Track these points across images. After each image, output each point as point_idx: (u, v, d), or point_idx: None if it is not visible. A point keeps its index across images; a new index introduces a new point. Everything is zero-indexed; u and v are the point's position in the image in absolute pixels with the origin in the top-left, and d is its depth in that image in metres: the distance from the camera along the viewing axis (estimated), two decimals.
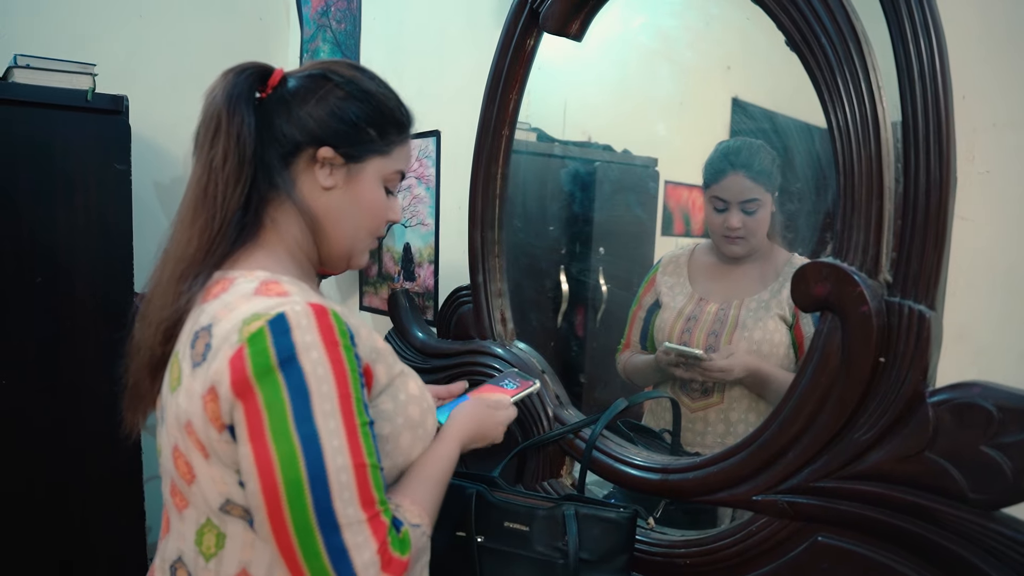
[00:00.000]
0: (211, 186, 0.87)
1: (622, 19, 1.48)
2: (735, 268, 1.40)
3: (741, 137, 1.38)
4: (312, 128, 0.91)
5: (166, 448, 0.88)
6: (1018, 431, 0.82)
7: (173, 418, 0.84)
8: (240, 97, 0.89)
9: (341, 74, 0.94)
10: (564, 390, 1.47)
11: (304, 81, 0.93)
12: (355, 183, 0.95)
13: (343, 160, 0.93)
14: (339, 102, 0.92)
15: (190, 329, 0.84)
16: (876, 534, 0.96)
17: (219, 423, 0.79)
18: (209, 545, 0.85)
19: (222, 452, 0.80)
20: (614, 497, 1.37)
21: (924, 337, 0.90)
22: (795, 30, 1.01)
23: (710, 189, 1.37)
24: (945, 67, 0.89)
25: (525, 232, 1.68)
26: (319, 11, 2.37)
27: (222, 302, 0.83)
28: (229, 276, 0.87)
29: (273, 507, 0.75)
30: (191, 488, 0.85)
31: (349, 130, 0.93)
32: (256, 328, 0.77)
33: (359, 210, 0.96)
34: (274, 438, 0.75)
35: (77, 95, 1.74)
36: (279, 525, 0.75)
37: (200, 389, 0.79)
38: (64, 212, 1.75)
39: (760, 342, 1.30)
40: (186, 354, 0.83)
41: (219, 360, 0.78)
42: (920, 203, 0.91)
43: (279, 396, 0.75)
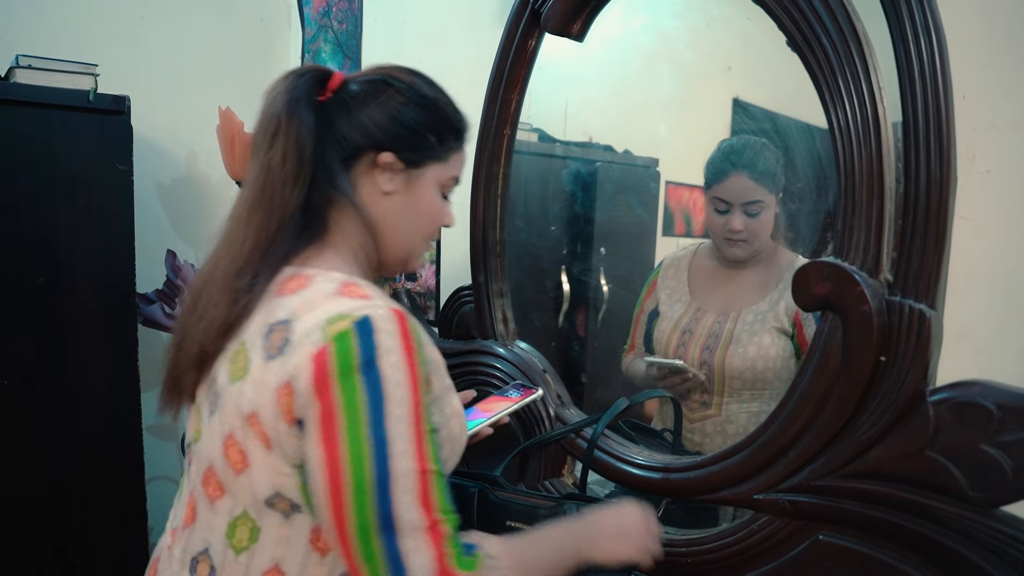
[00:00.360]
0: (268, 186, 0.88)
1: (623, 20, 1.48)
2: (736, 274, 1.39)
3: (745, 135, 1.37)
4: (374, 133, 0.92)
5: (215, 436, 0.87)
6: (1018, 429, 0.82)
7: (233, 407, 0.84)
8: (300, 100, 0.89)
9: (402, 80, 0.95)
10: (566, 390, 1.47)
11: (365, 86, 0.94)
12: (414, 188, 0.96)
13: (403, 165, 0.94)
14: (401, 108, 0.93)
15: (262, 322, 0.84)
16: (877, 532, 0.96)
17: (291, 417, 0.80)
18: (241, 538, 0.85)
19: (288, 445, 0.81)
20: (616, 496, 1.38)
21: (925, 336, 0.91)
22: (796, 30, 1.01)
23: (711, 190, 1.35)
24: (945, 67, 0.89)
25: (527, 232, 1.68)
26: (320, 11, 2.37)
27: (302, 299, 0.83)
28: (305, 273, 0.88)
29: (337, 507, 0.77)
30: (238, 478, 0.84)
31: (410, 136, 0.94)
32: (342, 328, 0.78)
33: (417, 215, 0.97)
34: (348, 439, 0.76)
35: (79, 95, 1.74)
36: (341, 524, 0.77)
37: (275, 382, 0.80)
38: (66, 212, 1.76)
39: (755, 358, 1.29)
40: (257, 345, 0.83)
41: (299, 356, 0.79)
42: (921, 203, 0.91)
43: (356, 398, 0.77)
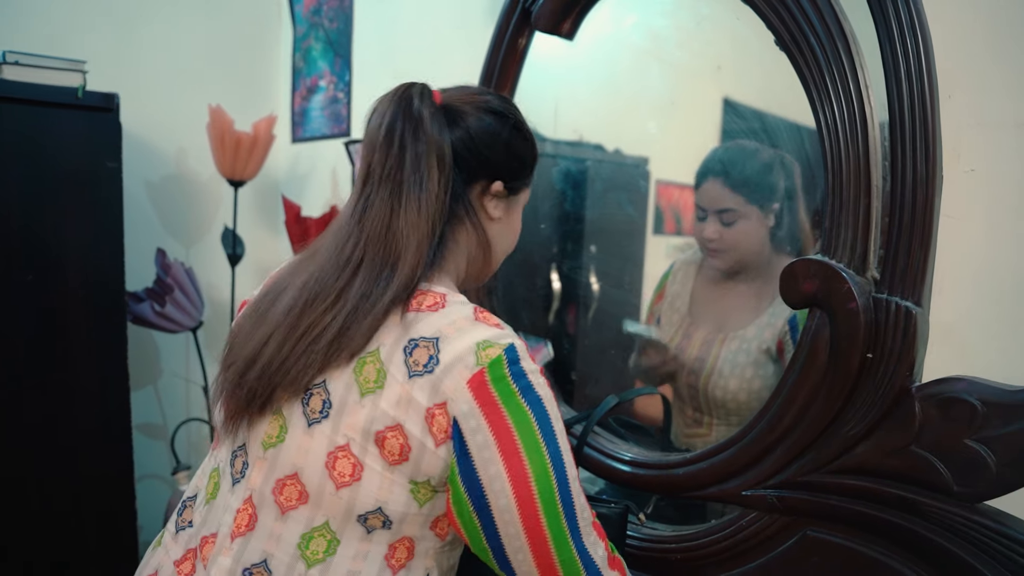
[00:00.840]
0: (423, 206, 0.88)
1: (613, 19, 1.49)
2: (733, 287, 1.38)
3: (739, 141, 1.35)
4: (493, 163, 0.95)
5: (317, 446, 0.84)
6: (1001, 425, 0.83)
7: (360, 421, 0.82)
8: (439, 122, 0.90)
9: (508, 111, 0.97)
10: (556, 387, 1.48)
11: (474, 112, 0.94)
12: (512, 213, 1.02)
13: (507, 193, 0.98)
14: (514, 140, 0.97)
15: (400, 334, 0.84)
16: (864, 528, 0.97)
17: (443, 436, 0.81)
18: (317, 551, 0.84)
19: (426, 462, 0.82)
20: (605, 493, 1.38)
21: (911, 333, 0.92)
22: (784, 29, 1.02)
23: (695, 196, 1.36)
24: (931, 67, 0.90)
25: None
26: (311, 9, 2.37)
27: (446, 319, 0.84)
28: (436, 291, 0.88)
29: (530, 519, 0.81)
30: (339, 491, 0.82)
31: (519, 168, 0.99)
32: (495, 355, 0.81)
33: (510, 236, 1.04)
34: (528, 455, 0.81)
35: (67, 92, 1.74)
36: (537, 535, 0.82)
37: (425, 401, 0.81)
38: (55, 210, 1.75)
39: (736, 391, 1.29)
40: (396, 360, 0.83)
41: (454, 378, 0.81)
42: (907, 201, 0.92)
43: (527, 418, 0.82)
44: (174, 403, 2.42)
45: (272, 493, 0.86)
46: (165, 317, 2.06)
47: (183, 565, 0.90)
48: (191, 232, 2.43)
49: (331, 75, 2.31)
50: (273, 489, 0.86)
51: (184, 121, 2.26)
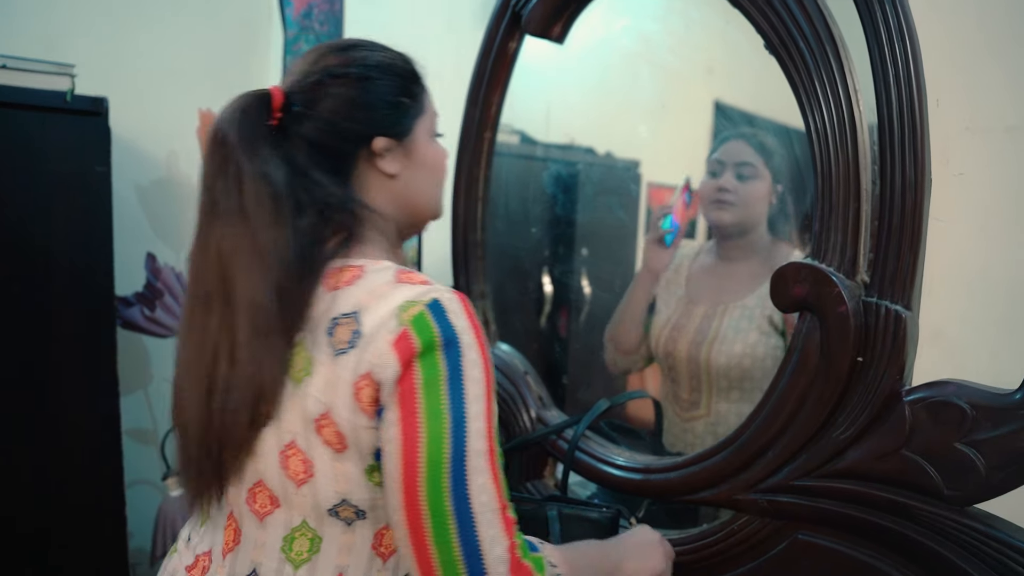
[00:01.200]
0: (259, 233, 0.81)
1: (604, 22, 1.49)
2: (730, 267, 1.40)
3: None
4: (353, 129, 0.89)
5: (268, 449, 0.83)
6: (991, 428, 0.84)
7: (296, 413, 0.80)
8: (255, 136, 0.84)
9: (343, 64, 0.90)
10: (547, 391, 1.48)
11: (316, 91, 0.88)
12: (415, 153, 0.93)
13: (396, 141, 0.91)
14: (362, 91, 0.89)
15: (320, 316, 0.81)
16: (855, 531, 0.97)
17: (372, 408, 0.77)
18: (301, 551, 0.82)
19: (365, 441, 0.78)
20: (597, 497, 1.38)
21: (901, 337, 0.92)
22: (773, 33, 1.02)
23: (710, 160, 1.37)
24: (919, 72, 0.91)
25: (508, 234, 1.68)
26: (302, 13, 2.36)
27: (364, 289, 0.81)
28: (354, 264, 0.84)
29: (410, 486, 0.74)
30: (300, 489, 0.81)
31: (392, 112, 0.91)
32: (416, 312, 0.77)
33: (429, 172, 0.96)
34: (426, 416, 0.75)
35: (56, 96, 1.72)
36: (413, 507, 0.74)
37: (350, 376, 0.78)
38: (43, 215, 1.73)
39: (741, 355, 1.30)
40: (320, 343, 0.80)
41: (378, 345, 0.76)
42: (896, 205, 0.93)
43: (437, 375, 0.76)
44: (164, 408, 2.40)
45: (247, 504, 0.86)
46: (155, 322, 2.05)
47: (193, 571, 0.91)
48: (181, 236, 2.41)
49: None
50: (247, 499, 0.86)
51: (174, 125, 2.25)
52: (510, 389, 1.44)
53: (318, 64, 0.90)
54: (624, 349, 1.49)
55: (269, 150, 0.84)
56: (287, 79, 0.91)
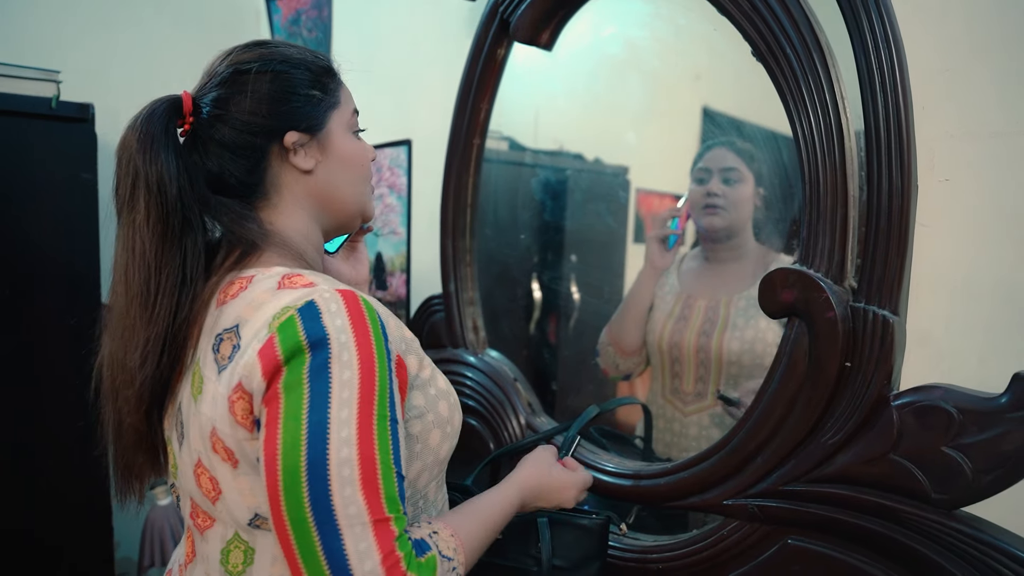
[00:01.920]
0: (139, 246, 0.81)
1: (592, 29, 1.49)
2: (722, 267, 1.42)
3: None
4: (263, 124, 0.86)
5: (187, 466, 0.83)
6: (977, 432, 0.84)
7: (197, 431, 0.79)
8: (156, 140, 0.82)
9: (250, 60, 0.88)
10: (536, 397, 1.48)
11: (224, 89, 0.87)
12: (330, 147, 0.91)
13: (309, 135, 0.89)
14: (271, 85, 0.87)
15: (209, 333, 0.80)
16: (844, 536, 0.97)
17: (249, 420, 0.75)
18: (236, 563, 0.82)
19: (251, 454, 0.76)
20: (587, 504, 1.38)
21: (888, 341, 0.92)
22: (760, 40, 1.03)
23: (696, 168, 1.40)
24: (905, 79, 0.91)
25: (497, 241, 1.69)
26: (289, 19, 2.36)
27: (245, 300, 0.79)
28: (245, 275, 0.83)
29: (272, 496, 0.71)
30: (216, 506, 0.81)
31: (299, 105, 0.88)
32: (287, 317, 0.74)
33: (347, 168, 0.93)
34: (283, 422, 0.71)
35: (41, 103, 1.71)
36: (277, 516, 0.71)
37: (225, 390, 0.75)
38: (29, 222, 1.72)
39: (753, 341, 1.31)
40: (208, 360, 0.79)
41: (247, 355, 0.74)
42: (883, 211, 0.93)
43: (300, 378, 0.71)
44: None
45: (191, 518, 0.87)
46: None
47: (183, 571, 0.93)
48: None
49: None
50: (191, 515, 0.87)
51: None
52: (499, 395, 1.44)
53: (225, 62, 0.89)
54: (627, 350, 1.49)
55: (168, 156, 0.82)
56: (199, 82, 0.90)
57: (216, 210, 0.85)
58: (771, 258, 1.35)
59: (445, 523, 0.83)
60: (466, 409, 1.47)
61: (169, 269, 0.81)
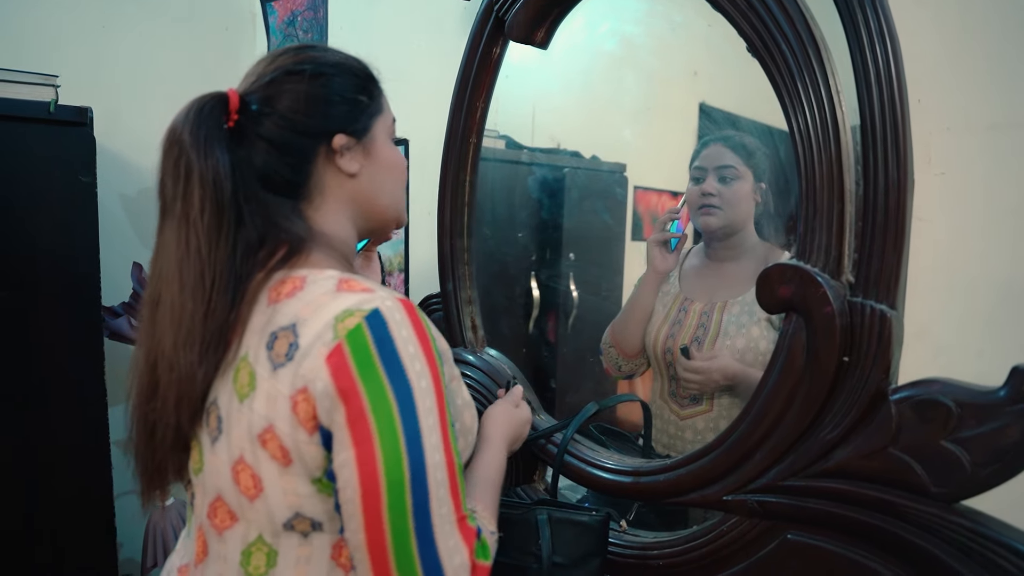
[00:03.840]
0: (193, 240, 0.81)
1: (587, 27, 1.49)
2: (721, 267, 1.41)
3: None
4: (313, 125, 0.88)
5: (221, 464, 0.82)
6: (976, 425, 0.84)
7: (243, 428, 0.79)
8: (210, 136, 0.83)
9: (301, 62, 0.90)
10: (536, 396, 1.48)
11: (274, 88, 0.88)
12: (374, 152, 0.93)
13: (356, 139, 0.91)
14: (323, 88, 0.89)
15: (261, 331, 0.80)
16: (844, 530, 0.97)
17: (312, 424, 0.76)
18: (258, 565, 0.82)
19: (309, 456, 0.77)
20: (587, 501, 1.38)
21: (886, 336, 0.92)
22: (755, 36, 1.03)
23: (692, 166, 1.39)
24: (900, 72, 0.91)
25: (494, 239, 1.69)
26: (285, 21, 2.36)
27: (302, 301, 0.79)
28: (296, 275, 0.83)
29: (372, 509, 0.73)
30: (253, 504, 0.81)
31: (349, 108, 0.91)
32: (353, 325, 0.75)
33: (387, 174, 0.96)
34: (380, 438, 0.73)
35: (39, 107, 1.72)
36: (375, 528, 0.73)
37: (287, 390, 0.76)
38: (28, 226, 1.73)
39: (744, 351, 1.30)
40: (261, 357, 0.79)
41: (313, 358, 0.75)
42: (880, 205, 0.93)
43: (384, 394, 0.74)
44: None
45: (208, 518, 0.86)
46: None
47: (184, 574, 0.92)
48: None
49: None
50: (208, 514, 0.86)
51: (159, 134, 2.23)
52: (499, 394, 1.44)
53: (273, 64, 0.90)
54: (629, 352, 1.48)
55: (223, 151, 0.83)
56: (243, 82, 0.91)
57: (266, 207, 0.86)
58: (775, 255, 1.33)
59: (476, 499, 0.91)
60: None
61: (223, 264, 0.81)
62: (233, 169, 0.83)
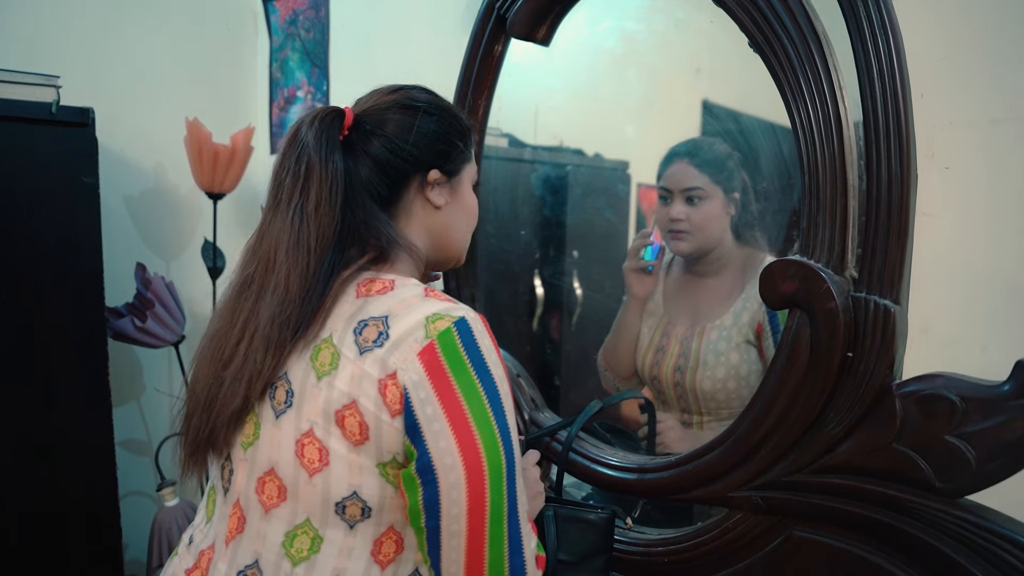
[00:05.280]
0: (304, 232, 0.89)
1: (589, 24, 1.49)
2: (701, 282, 1.40)
3: (698, 137, 1.39)
4: (417, 155, 0.96)
5: (288, 436, 0.86)
6: (980, 420, 0.84)
7: (320, 404, 0.84)
8: (331, 143, 0.92)
9: (421, 98, 0.99)
10: (540, 393, 1.48)
11: (391, 114, 0.97)
12: (458, 194, 1.02)
13: (447, 178, 0.99)
14: (433, 126, 0.98)
15: (349, 318, 0.86)
16: (848, 526, 0.97)
17: (396, 407, 0.81)
18: (301, 548, 0.85)
19: (387, 436, 0.81)
20: (592, 498, 1.38)
21: (890, 331, 0.92)
22: (757, 32, 1.03)
23: (658, 184, 1.38)
24: (903, 66, 0.91)
25: (498, 237, 1.69)
26: (287, 20, 2.36)
27: (395, 298, 0.86)
28: (385, 277, 0.90)
29: (476, 491, 0.79)
30: (312, 479, 0.84)
31: (448, 149, 0.99)
32: (444, 327, 0.82)
33: (465, 216, 1.04)
34: (477, 425, 0.80)
35: (41, 108, 1.72)
36: (477, 510, 0.80)
37: (377, 372, 0.81)
38: (31, 227, 1.73)
39: (725, 379, 1.30)
40: (347, 341, 0.84)
41: (404, 350, 0.81)
42: (883, 200, 0.93)
43: (476, 390, 0.81)
44: (157, 418, 2.39)
45: (255, 493, 0.88)
46: (146, 332, 2.04)
47: (193, 573, 0.94)
48: (171, 246, 2.40)
49: (309, 85, 2.30)
50: (255, 488, 0.88)
51: (161, 135, 2.24)
52: None
53: (392, 95, 1.00)
54: (623, 375, 1.50)
55: (340, 158, 0.92)
56: (358, 106, 1.00)
57: (369, 213, 0.94)
58: (755, 260, 1.32)
59: None
60: None
61: (328, 256, 0.89)
62: (347, 175, 0.92)
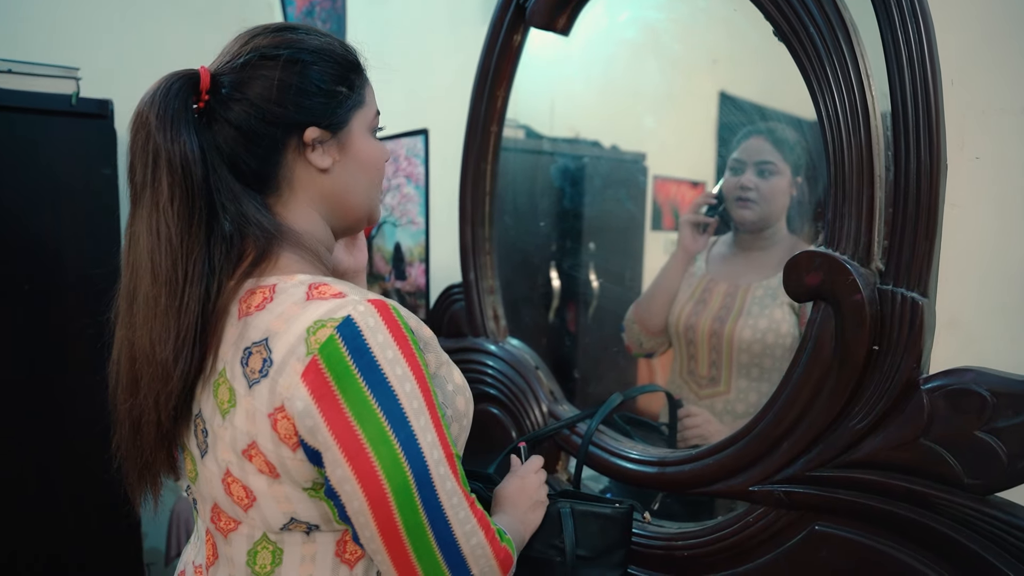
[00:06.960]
0: (164, 228, 0.77)
1: (608, 13, 1.48)
2: (749, 254, 1.41)
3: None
4: (285, 115, 0.83)
5: (212, 476, 0.82)
6: (1012, 415, 0.82)
7: (228, 444, 0.78)
8: (176, 117, 0.78)
9: (277, 45, 0.84)
10: (558, 385, 1.47)
11: (246, 72, 0.83)
12: (349, 147, 0.88)
13: (330, 133, 0.86)
14: (298, 77, 0.83)
15: (235, 344, 0.78)
16: (873, 522, 0.96)
17: (293, 441, 0.75)
18: (264, 563, 0.82)
19: (295, 470, 0.76)
20: (611, 491, 1.37)
21: (917, 324, 0.91)
22: (783, 20, 1.01)
23: (731, 157, 1.38)
24: (933, 53, 0.89)
25: (515, 229, 1.68)
26: (304, 11, 2.36)
27: (273, 313, 0.76)
28: (266, 284, 0.80)
29: (383, 516, 0.74)
30: (248, 512, 0.81)
31: (324, 99, 0.85)
32: (325, 337, 0.73)
33: (364, 171, 0.90)
34: (373, 447, 0.72)
35: (61, 99, 1.72)
36: (390, 532, 0.74)
37: (265, 407, 0.74)
38: (50, 218, 1.74)
39: (765, 331, 1.30)
40: (237, 374, 0.77)
41: (287, 375, 0.73)
42: (911, 191, 0.91)
43: (369, 405, 0.72)
44: None
45: (212, 522, 0.86)
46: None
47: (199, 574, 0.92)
48: None
49: None
50: (211, 518, 0.86)
51: None
52: (521, 384, 1.43)
53: (249, 44, 0.85)
54: (652, 329, 1.49)
55: (191, 134, 0.78)
56: (217, 59, 0.86)
57: (237, 196, 0.82)
58: (800, 248, 1.32)
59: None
60: (487, 398, 1.46)
61: (196, 255, 0.78)
62: (203, 153, 0.79)
